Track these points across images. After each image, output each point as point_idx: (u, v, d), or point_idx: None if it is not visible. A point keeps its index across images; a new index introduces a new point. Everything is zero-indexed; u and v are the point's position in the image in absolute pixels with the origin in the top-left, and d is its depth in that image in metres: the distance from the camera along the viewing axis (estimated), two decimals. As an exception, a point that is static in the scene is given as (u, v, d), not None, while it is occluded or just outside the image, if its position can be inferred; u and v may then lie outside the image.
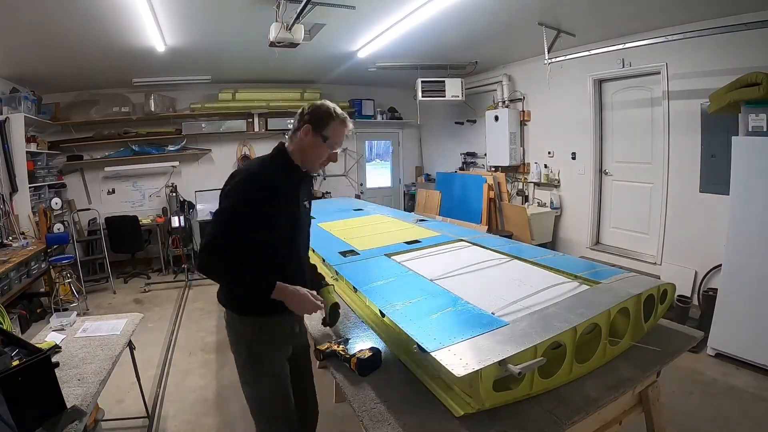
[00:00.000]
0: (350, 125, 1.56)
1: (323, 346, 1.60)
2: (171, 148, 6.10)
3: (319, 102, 1.53)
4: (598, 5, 3.43)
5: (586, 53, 4.10)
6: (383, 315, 1.64)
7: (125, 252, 5.65)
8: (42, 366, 1.42)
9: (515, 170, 5.82)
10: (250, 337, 1.52)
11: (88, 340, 2.05)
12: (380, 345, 1.61)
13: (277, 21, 3.10)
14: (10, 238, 4.26)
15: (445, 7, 3.27)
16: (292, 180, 1.52)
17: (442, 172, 6.77)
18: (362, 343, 1.64)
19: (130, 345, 2.19)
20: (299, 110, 1.54)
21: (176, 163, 6.17)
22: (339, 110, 1.52)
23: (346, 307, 2.00)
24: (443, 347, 1.21)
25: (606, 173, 4.76)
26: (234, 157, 6.61)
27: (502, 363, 1.12)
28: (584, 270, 1.88)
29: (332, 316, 1.73)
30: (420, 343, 1.27)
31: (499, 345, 1.18)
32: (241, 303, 1.51)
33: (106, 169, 5.85)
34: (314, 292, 1.52)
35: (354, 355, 1.48)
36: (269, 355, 1.55)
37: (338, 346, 1.57)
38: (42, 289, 4.44)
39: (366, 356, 1.47)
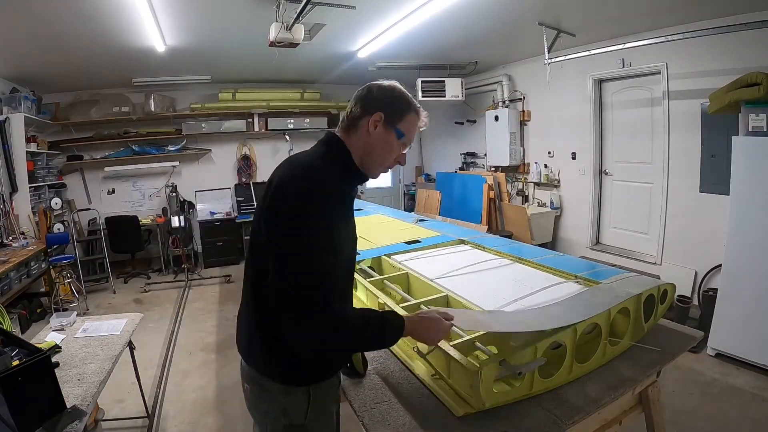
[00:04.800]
0: (424, 118, 1.16)
1: None
2: (171, 148, 6.11)
3: (387, 84, 1.12)
4: (598, 5, 3.43)
5: (586, 53, 4.10)
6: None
7: (125, 252, 5.64)
8: (42, 366, 1.41)
9: (515, 170, 5.82)
10: (300, 411, 1.10)
11: (88, 340, 2.04)
12: None
13: (277, 21, 3.10)
14: (10, 238, 4.26)
15: (445, 7, 3.26)
16: (353, 187, 1.16)
17: (442, 172, 6.78)
18: None
19: (130, 345, 2.19)
20: (359, 93, 1.13)
21: (176, 163, 6.18)
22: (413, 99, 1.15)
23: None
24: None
25: (606, 173, 4.76)
26: (234, 157, 6.61)
27: (502, 363, 1.13)
28: (584, 270, 1.88)
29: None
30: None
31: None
32: (292, 369, 1.09)
33: (106, 169, 5.85)
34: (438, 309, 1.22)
35: None
36: (323, 425, 1.18)
37: None
38: (42, 289, 4.44)
39: None
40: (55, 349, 1.89)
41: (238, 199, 6.48)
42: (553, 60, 4.19)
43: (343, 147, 1.10)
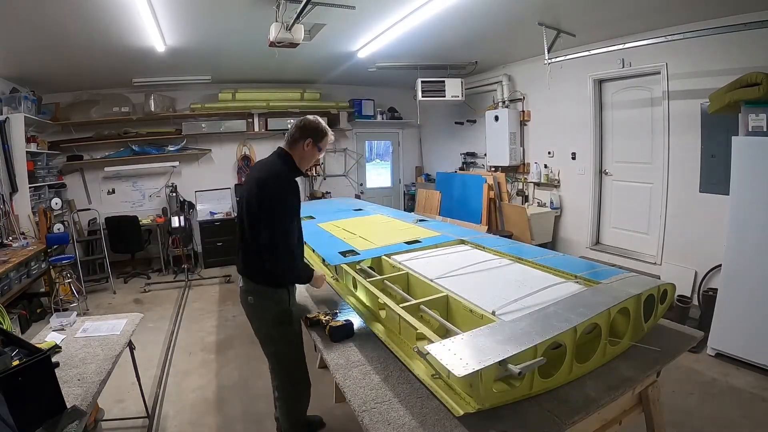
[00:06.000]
0: (331, 136, 2.03)
1: (312, 315, 1.88)
2: (171, 148, 6.10)
3: (313, 120, 1.96)
4: (598, 5, 3.42)
5: (586, 53, 4.10)
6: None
7: (125, 252, 5.64)
8: (42, 366, 1.41)
9: (515, 170, 5.82)
10: (286, 300, 1.94)
11: (88, 340, 2.05)
12: (357, 320, 1.83)
13: (277, 21, 3.10)
14: (10, 238, 4.26)
15: (445, 7, 3.26)
16: (296, 177, 1.94)
17: (442, 172, 6.78)
18: (345, 316, 1.86)
19: (130, 345, 2.19)
20: (297, 123, 1.96)
21: (176, 163, 6.18)
22: (326, 125, 2.00)
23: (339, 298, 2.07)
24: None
25: (606, 173, 4.76)
26: (234, 158, 6.61)
27: (502, 363, 1.12)
28: (584, 270, 1.88)
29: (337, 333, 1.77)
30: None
31: (499, 345, 1.18)
32: (276, 278, 1.91)
33: (106, 169, 5.85)
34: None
35: (329, 323, 1.75)
36: (296, 313, 2.00)
37: (324, 316, 1.83)
38: (42, 289, 4.44)
39: (338, 325, 1.73)
40: (55, 349, 1.89)
41: (238, 199, 6.47)
42: (553, 60, 4.19)
43: (290, 158, 1.94)
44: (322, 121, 1.98)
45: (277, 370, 2.07)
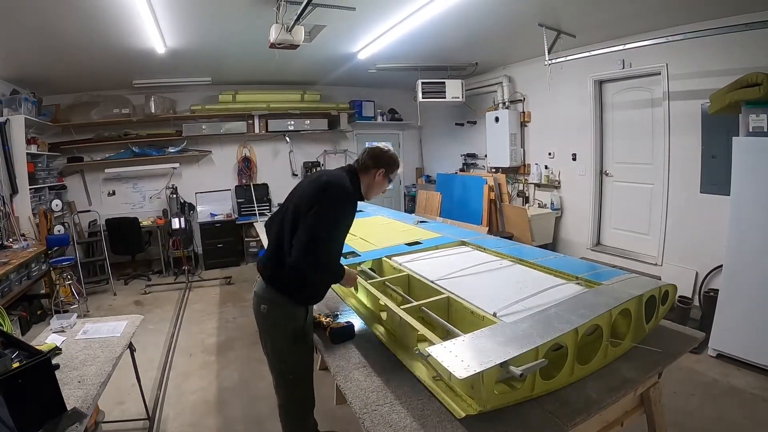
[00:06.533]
0: (401, 167, 1.99)
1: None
2: (171, 149, 6.10)
3: (387, 149, 1.92)
4: (599, 6, 3.43)
5: (587, 54, 4.10)
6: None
7: (125, 254, 5.64)
8: (42, 368, 1.41)
9: (516, 171, 5.82)
10: (302, 317, 1.78)
11: (89, 342, 2.04)
12: (358, 322, 1.84)
13: (277, 22, 3.10)
14: (11, 239, 4.26)
15: (445, 9, 3.27)
16: (356, 201, 1.89)
17: (442, 174, 6.78)
18: (346, 318, 1.87)
19: (131, 347, 2.19)
20: (370, 152, 1.90)
21: (177, 165, 6.17)
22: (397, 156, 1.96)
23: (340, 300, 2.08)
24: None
25: (606, 174, 4.76)
26: (234, 159, 6.61)
27: (503, 365, 1.12)
28: (585, 271, 1.88)
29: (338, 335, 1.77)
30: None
31: (500, 346, 1.18)
32: (301, 294, 1.77)
33: (107, 170, 5.85)
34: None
35: (330, 325, 1.76)
36: (310, 331, 1.85)
37: (325, 318, 1.84)
38: (42, 291, 4.43)
39: (339, 327, 1.74)
40: (56, 351, 1.89)
41: (239, 200, 6.48)
42: (553, 61, 4.19)
43: (358, 180, 1.86)
44: (395, 154, 1.95)
45: (281, 387, 1.87)
